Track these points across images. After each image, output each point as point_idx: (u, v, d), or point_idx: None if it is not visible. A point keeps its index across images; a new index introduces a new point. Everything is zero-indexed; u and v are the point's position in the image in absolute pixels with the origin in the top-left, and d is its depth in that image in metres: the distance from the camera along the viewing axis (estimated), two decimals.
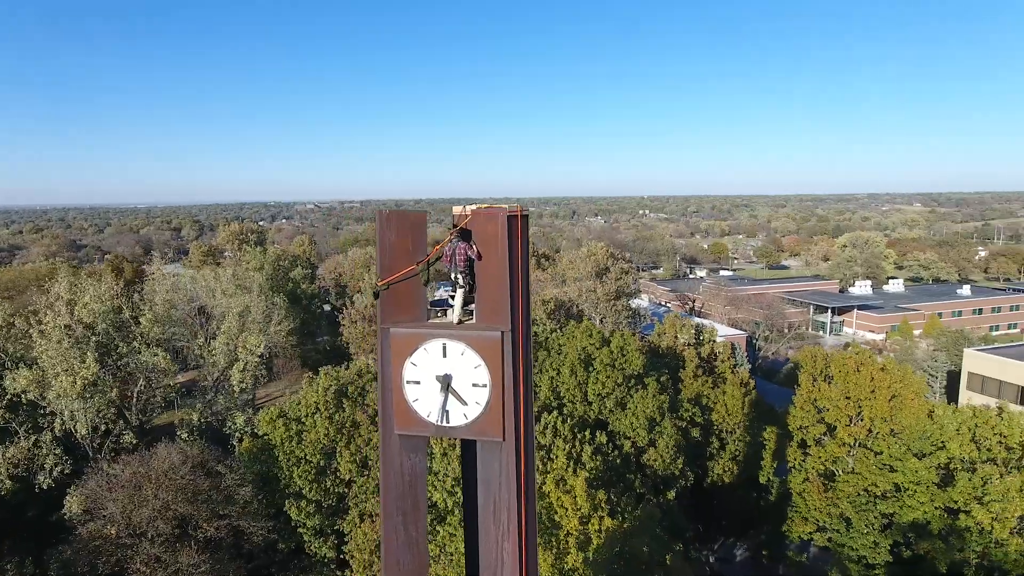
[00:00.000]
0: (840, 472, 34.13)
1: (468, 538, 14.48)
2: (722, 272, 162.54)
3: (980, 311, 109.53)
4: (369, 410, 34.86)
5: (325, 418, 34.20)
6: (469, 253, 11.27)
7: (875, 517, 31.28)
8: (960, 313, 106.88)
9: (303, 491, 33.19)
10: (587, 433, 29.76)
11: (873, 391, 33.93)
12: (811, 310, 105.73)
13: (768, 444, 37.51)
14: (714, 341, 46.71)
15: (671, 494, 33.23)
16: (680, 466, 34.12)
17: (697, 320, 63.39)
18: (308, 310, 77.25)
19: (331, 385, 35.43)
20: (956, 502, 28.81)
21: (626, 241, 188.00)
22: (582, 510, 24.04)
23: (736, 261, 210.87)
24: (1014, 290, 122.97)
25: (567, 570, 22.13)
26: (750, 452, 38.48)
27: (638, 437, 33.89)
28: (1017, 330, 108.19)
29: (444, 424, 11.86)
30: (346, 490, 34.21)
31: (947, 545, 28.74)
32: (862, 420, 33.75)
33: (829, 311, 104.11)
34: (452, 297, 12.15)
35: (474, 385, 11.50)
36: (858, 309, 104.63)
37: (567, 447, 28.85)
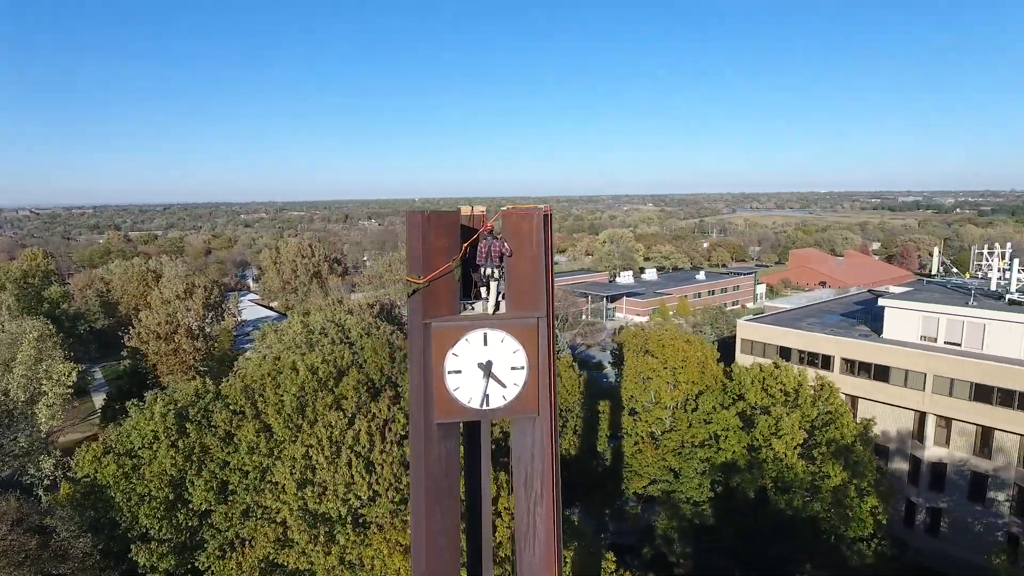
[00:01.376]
0: (663, 431, 40.19)
1: (470, 522, 15.65)
2: None
3: (713, 292, 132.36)
4: (220, 431, 32.23)
5: (168, 446, 30.89)
6: (503, 249, 12.60)
7: (698, 463, 37.67)
8: (700, 295, 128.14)
9: (150, 531, 29.70)
10: None
11: (684, 360, 40.55)
12: (589, 299, 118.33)
13: (603, 416, 42.46)
14: None
15: None
16: None
17: None
18: (73, 333, 66.16)
19: (168, 410, 32.01)
20: (757, 440, 36.09)
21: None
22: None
23: None
24: (734, 273, 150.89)
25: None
26: (587, 426, 43.17)
27: (502, 423, 36.31)
28: (739, 306, 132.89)
29: (485, 407, 13.09)
30: (200, 522, 31.30)
31: (752, 475, 35.88)
32: (679, 384, 40.15)
33: (605, 299, 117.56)
34: (484, 290, 13.33)
35: (512, 368, 12.91)
36: (626, 296, 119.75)
37: None
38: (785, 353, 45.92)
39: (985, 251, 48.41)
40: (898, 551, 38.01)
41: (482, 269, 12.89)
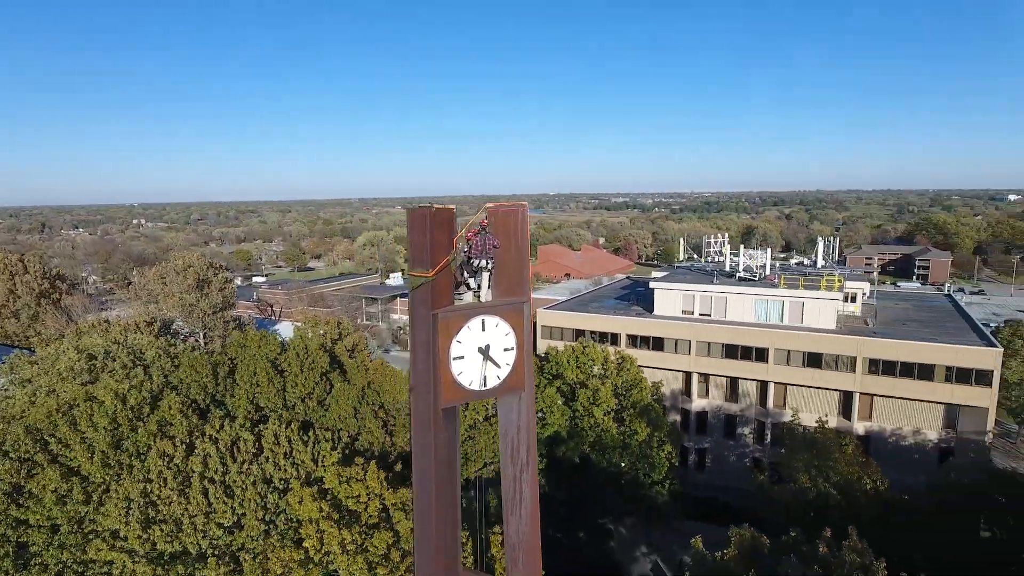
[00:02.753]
0: (493, 415, 43.10)
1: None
2: (255, 278, 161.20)
3: None
4: (3, 486, 26.89)
5: None
6: (494, 243, 14.27)
7: (544, 437, 41.37)
8: None
9: None
10: (315, 434, 30.34)
11: None
12: (364, 303, 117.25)
13: None
14: (350, 334, 50.53)
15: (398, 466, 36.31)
16: (387, 441, 37.40)
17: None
18: None
19: None
20: (578, 411, 40.92)
21: (144, 252, 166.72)
22: (375, 491, 25.55)
23: (265, 267, 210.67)
24: None
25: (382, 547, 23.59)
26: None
27: (348, 426, 35.64)
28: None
29: (483, 388, 14.60)
30: None
31: (575, 443, 40.64)
32: None
33: (379, 301, 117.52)
34: (472, 281, 14.66)
35: (504, 350, 14.72)
36: (400, 297, 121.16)
37: (308, 449, 29.20)
38: (580, 335, 52.17)
39: (713, 240, 60.56)
40: (681, 487, 46.19)
41: (475, 261, 14.00)
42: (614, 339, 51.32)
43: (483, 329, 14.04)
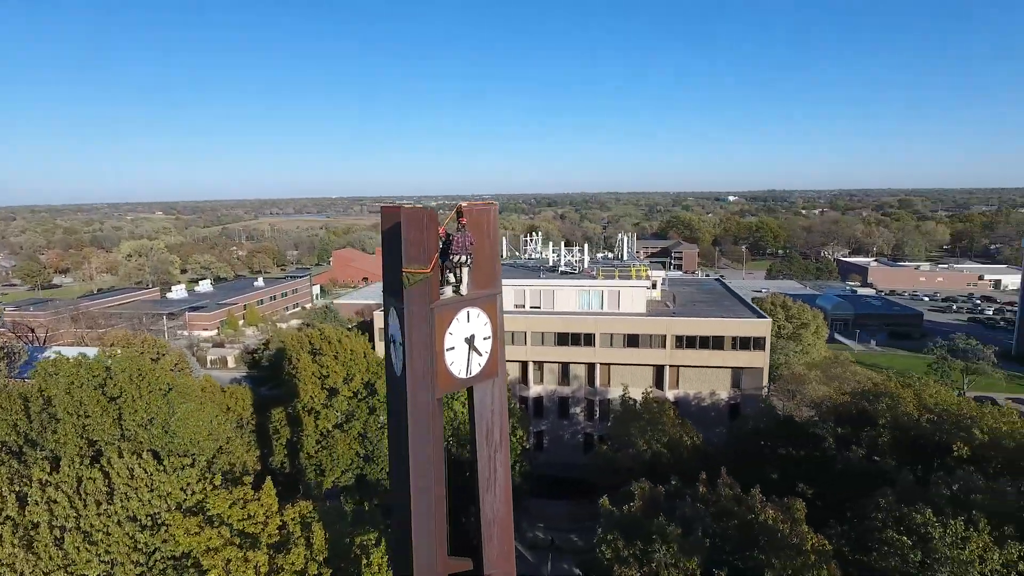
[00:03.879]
0: (345, 421, 42.29)
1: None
2: None
3: (275, 297, 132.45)
4: None
5: None
6: (471, 239, 15.76)
7: (387, 442, 41.31)
8: (263, 301, 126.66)
9: None
10: (171, 461, 27.60)
11: (352, 352, 43.40)
12: (144, 320, 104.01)
13: (280, 424, 41.70)
14: (167, 353, 45.16)
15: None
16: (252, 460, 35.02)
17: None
18: None
19: None
20: (455, 411, 41.93)
21: None
22: (273, 509, 24.17)
23: None
24: (291, 277, 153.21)
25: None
26: (262, 437, 41.70)
27: (204, 449, 32.59)
28: (299, 308, 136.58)
29: (468, 376, 15.97)
30: None
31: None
32: (354, 375, 42.78)
33: (164, 317, 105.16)
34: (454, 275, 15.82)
35: (484, 338, 16.27)
36: (189, 311, 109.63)
37: (173, 477, 26.72)
38: None
39: (530, 239, 65.30)
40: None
41: (456, 257, 15.08)
42: None
43: (468, 320, 15.05)
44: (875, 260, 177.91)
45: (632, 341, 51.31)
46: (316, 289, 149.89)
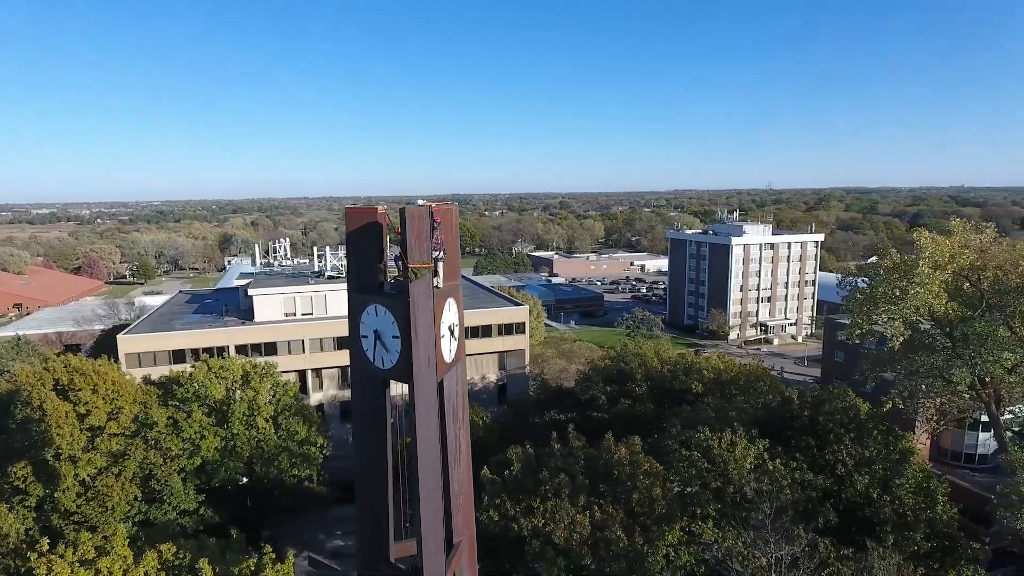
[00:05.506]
0: (116, 461, 36.49)
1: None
2: None
3: None
4: None
5: None
6: (442, 236, 18.13)
7: (177, 473, 36.80)
8: None
9: None
10: None
11: (115, 384, 37.67)
12: None
13: (29, 482, 34.16)
14: None
15: None
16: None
17: None
18: None
19: None
20: (236, 428, 38.65)
21: None
22: (129, 558, 20.77)
23: None
24: None
25: None
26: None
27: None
28: None
29: (451, 360, 18.24)
30: None
31: (233, 463, 38.48)
32: (123, 409, 37.11)
33: None
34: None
35: (455, 325, 18.76)
36: None
37: None
38: (179, 355, 47.50)
39: (277, 245, 62.73)
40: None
41: (435, 253, 16.84)
42: (220, 352, 48.60)
43: (450, 309, 16.73)
44: (556, 253, 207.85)
45: None
46: None
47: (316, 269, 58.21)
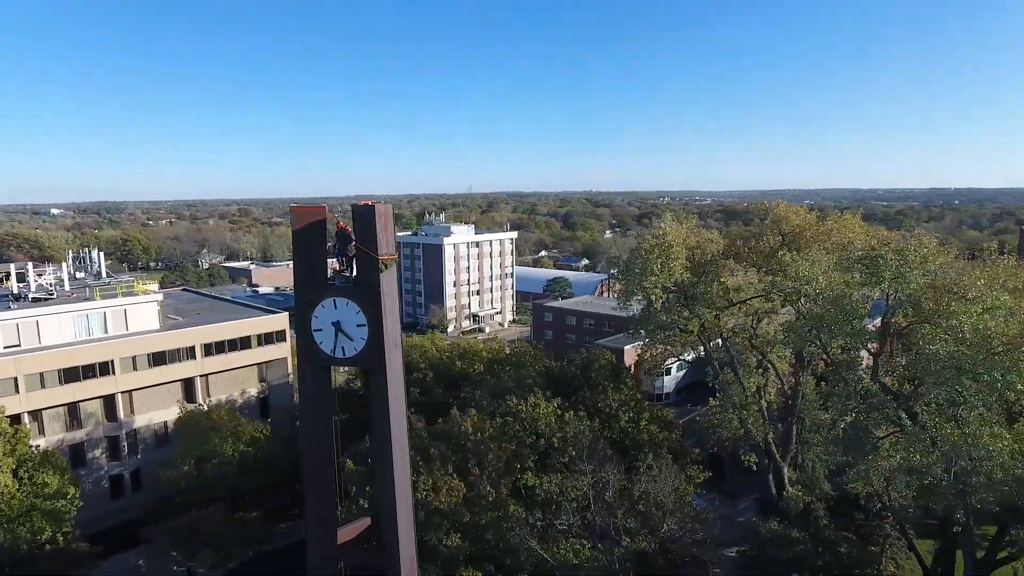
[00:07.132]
0: None
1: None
2: None
3: None
4: None
5: None
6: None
7: None
8: None
9: None
10: None
11: None
12: None
13: None
14: None
15: None
16: None
17: None
18: None
19: None
20: None
21: None
22: None
23: None
24: None
25: None
26: None
27: None
28: None
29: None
30: None
31: None
32: None
33: None
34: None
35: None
36: None
37: None
38: None
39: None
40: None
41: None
42: None
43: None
44: (253, 263, 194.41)
45: (159, 359, 47.78)
46: None
47: (15, 292, 47.24)
